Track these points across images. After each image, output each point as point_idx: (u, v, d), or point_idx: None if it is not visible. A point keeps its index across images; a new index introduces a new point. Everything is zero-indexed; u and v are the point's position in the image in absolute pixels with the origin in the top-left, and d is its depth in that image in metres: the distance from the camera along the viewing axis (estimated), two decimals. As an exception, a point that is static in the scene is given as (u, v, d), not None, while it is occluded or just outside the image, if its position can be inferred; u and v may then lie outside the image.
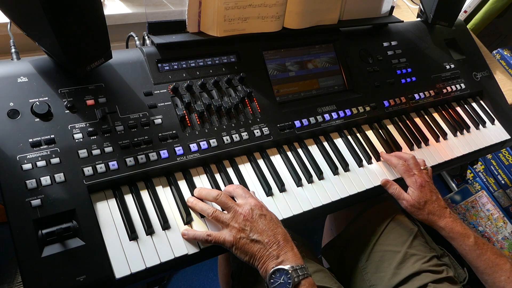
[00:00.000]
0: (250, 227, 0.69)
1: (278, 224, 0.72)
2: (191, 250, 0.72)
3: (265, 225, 0.70)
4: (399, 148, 1.01)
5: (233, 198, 0.76)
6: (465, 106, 1.21)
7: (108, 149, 0.73)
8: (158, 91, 0.82)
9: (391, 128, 1.06)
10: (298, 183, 0.87)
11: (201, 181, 0.81)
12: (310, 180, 0.88)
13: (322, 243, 1.27)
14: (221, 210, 0.75)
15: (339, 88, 1.04)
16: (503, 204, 1.77)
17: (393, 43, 1.15)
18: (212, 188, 0.81)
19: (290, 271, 0.65)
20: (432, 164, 1.02)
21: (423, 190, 0.89)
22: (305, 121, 0.93)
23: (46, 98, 0.72)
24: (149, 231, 0.71)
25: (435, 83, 1.16)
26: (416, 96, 1.10)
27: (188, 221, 0.75)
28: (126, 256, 0.68)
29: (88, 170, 0.70)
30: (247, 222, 0.70)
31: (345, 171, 0.93)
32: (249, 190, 0.78)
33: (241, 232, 0.69)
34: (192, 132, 0.82)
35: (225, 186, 0.82)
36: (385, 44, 1.13)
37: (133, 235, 0.70)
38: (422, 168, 0.94)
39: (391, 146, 1.02)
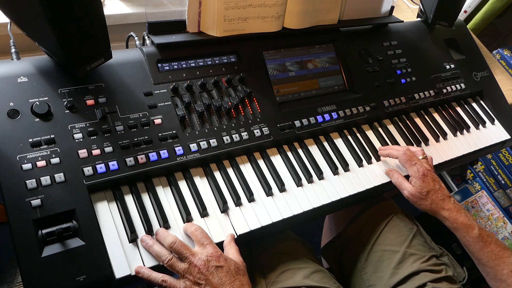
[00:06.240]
0: (206, 281, 0.65)
1: (235, 276, 0.68)
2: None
3: (221, 279, 0.66)
4: (399, 148, 1.01)
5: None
6: (465, 106, 1.21)
7: (108, 149, 0.73)
8: (158, 91, 0.82)
9: (391, 128, 1.06)
10: (298, 183, 0.87)
11: (201, 181, 0.81)
12: (310, 180, 0.88)
13: (322, 243, 1.27)
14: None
15: (339, 88, 1.04)
16: (503, 204, 1.77)
17: (393, 43, 1.15)
18: (212, 186, 0.81)
19: None
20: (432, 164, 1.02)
21: (426, 180, 0.88)
22: (305, 121, 0.93)
23: (46, 98, 0.72)
24: (149, 231, 0.71)
25: (435, 83, 1.16)
26: (416, 96, 1.10)
27: (188, 220, 0.75)
28: (126, 256, 0.68)
29: (88, 170, 0.70)
30: (202, 276, 0.66)
31: (345, 171, 0.93)
32: (208, 235, 0.73)
33: (196, 285, 0.66)
34: (192, 132, 0.82)
35: (225, 186, 0.82)
36: (385, 44, 1.13)
37: (133, 235, 0.70)
38: (420, 157, 0.93)
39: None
